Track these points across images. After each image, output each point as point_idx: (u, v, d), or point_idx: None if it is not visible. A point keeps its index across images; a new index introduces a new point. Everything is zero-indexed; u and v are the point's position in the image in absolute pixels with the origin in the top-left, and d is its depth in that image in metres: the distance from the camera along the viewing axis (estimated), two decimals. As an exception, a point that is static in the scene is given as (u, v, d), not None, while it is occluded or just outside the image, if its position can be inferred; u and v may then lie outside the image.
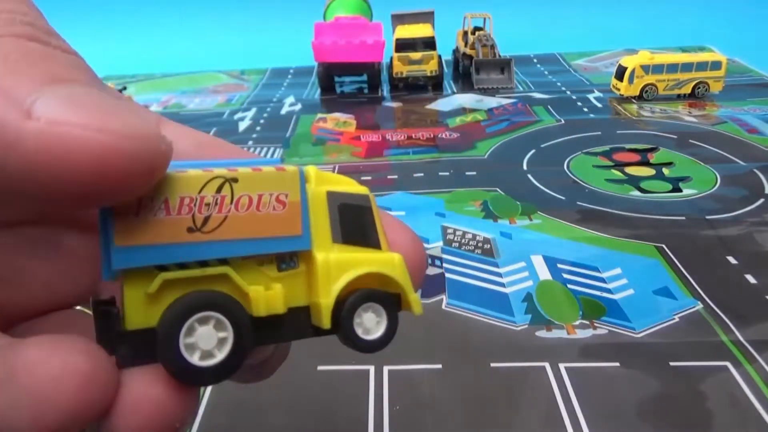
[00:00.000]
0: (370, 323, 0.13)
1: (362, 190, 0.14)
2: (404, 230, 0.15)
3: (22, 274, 0.15)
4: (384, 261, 0.13)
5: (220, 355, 0.12)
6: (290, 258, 0.13)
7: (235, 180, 0.12)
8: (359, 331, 0.13)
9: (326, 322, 0.13)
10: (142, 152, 0.10)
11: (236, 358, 0.12)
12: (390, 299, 0.13)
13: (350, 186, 0.14)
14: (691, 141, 0.66)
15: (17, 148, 0.09)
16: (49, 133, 0.09)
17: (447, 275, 0.43)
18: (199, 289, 0.12)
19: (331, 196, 0.13)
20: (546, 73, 0.96)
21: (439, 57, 0.89)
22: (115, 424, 0.11)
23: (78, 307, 0.16)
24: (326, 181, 0.14)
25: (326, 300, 0.13)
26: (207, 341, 0.12)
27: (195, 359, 0.11)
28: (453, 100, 0.85)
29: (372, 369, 0.34)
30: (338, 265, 0.13)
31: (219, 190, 0.12)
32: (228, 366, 0.12)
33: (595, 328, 0.37)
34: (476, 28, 0.98)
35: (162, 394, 0.11)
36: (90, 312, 0.12)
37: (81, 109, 0.10)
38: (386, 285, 0.14)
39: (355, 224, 0.13)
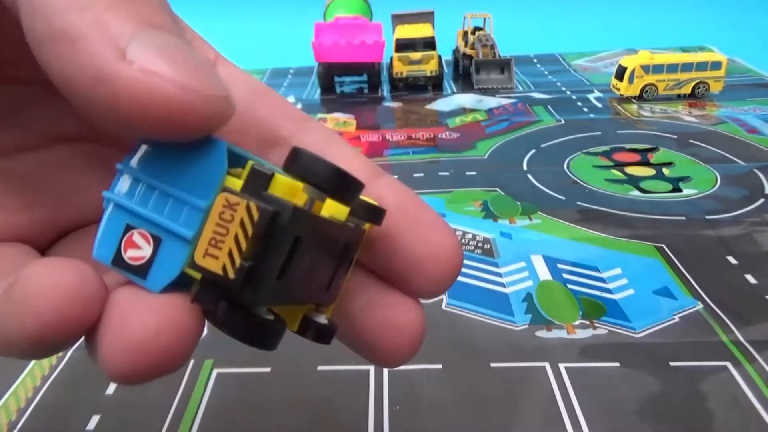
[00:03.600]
0: None
1: None
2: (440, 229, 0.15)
3: (74, 189, 0.16)
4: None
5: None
6: None
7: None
8: None
9: None
10: (215, 113, 0.11)
11: None
12: None
13: None
14: (691, 141, 0.66)
15: (108, 85, 0.10)
16: (139, 80, 0.10)
17: (447, 275, 0.43)
18: None
19: None
20: (546, 73, 0.96)
21: (439, 57, 0.89)
22: (103, 344, 0.11)
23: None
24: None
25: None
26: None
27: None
28: (453, 100, 0.85)
29: (372, 369, 0.34)
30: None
31: None
32: None
33: (595, 328, 0.37)
34: (476, 28, 0.98)
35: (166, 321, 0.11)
36: None
37: (171, 62, 0.10)
38: None
39: None
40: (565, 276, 0.42)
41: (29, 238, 0.15)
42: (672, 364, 0.34)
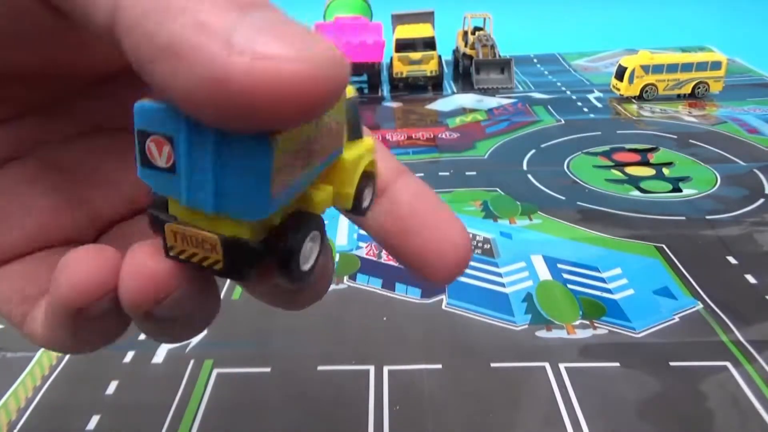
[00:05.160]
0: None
1: (350, 90, 0.15)
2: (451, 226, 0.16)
3: (111, 183, 0.16)
4: (369, 149, 0.15)
5: (312, 262, 0.14)
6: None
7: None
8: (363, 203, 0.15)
9: (350, 205, 0.15)
10: (338, 76, 0.10)
11: (318, 260, 0.14)
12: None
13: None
14: (691, 141, 0.66)
15: (225, 86, 0.09)
16: (257, 69, 0.09)
17: (447, 275, 0.43)
18: (303, 212, 0.13)
19: (346, 102, 0.14)
20: (546, 73, 0.96)
21: (439, 57, 0.89)
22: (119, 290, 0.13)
23: None
24: None
25: (351, 189, 0.15)
26: (310, 253, 0.13)
27: (304, 267, 0.13)
28: (453, 100, 0.85)
29: (372, 369, 0.34)
30: (355, 162, 0.15)
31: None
32: (314, 267, 0.14)
33: (595, 328, 0.37)
34: (476, 28, 0.98)
35: (156, 267, 0.13)
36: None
37: (279, 39, 0.10)
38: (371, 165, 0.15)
39: (353, 122, 0.15)
40: (565, 276, 0.42)
41: (73, 238, 0.15)
42: (672, 364, 0.34)
